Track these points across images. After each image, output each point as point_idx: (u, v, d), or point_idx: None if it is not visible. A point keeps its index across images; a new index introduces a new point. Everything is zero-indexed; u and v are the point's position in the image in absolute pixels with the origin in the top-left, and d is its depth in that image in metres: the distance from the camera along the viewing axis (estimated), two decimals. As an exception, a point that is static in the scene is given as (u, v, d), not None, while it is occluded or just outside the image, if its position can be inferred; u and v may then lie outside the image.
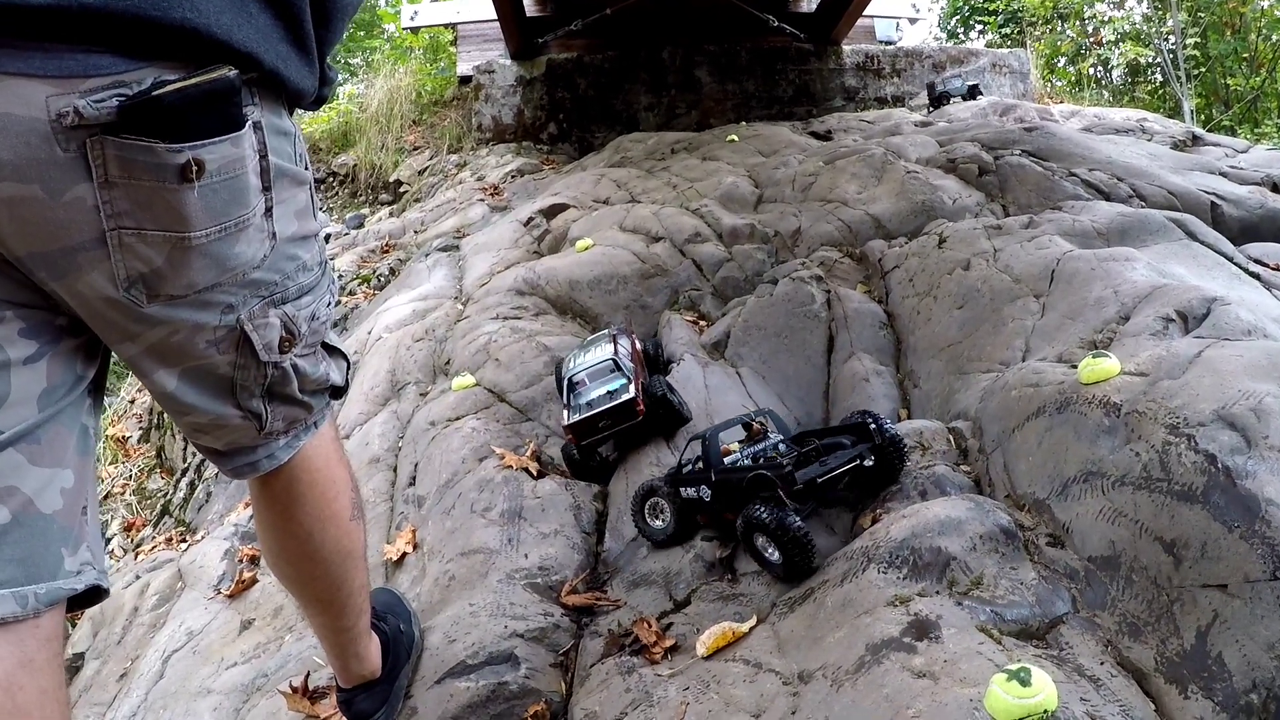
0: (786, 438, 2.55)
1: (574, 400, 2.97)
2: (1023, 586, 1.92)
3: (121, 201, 1.08)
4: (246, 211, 1.21)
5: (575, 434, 2.91)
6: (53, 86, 1.00)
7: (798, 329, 3.44)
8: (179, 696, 2.73)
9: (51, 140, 1.01)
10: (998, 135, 4.81)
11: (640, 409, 2.88)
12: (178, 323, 1.23)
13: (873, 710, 1.59)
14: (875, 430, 2.37)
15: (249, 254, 1.24)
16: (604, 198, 5.34)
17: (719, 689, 1.85)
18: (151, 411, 6.30)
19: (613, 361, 3.00)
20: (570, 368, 3.08)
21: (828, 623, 1.89)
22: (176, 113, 1.05)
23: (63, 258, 1.10)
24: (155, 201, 1.10)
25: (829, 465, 2.25)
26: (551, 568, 2.57)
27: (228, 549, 3.44)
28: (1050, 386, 2.40)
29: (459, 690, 2.17)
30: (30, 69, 0.98)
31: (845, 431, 2.45)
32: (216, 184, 1.14)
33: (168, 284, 1.18)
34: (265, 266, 1.29)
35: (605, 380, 2.97)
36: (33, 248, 1.08)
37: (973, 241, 3.57)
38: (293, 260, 1.35)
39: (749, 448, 2.49)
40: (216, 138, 1.11)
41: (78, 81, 1.01)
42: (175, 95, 1.04)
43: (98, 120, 1.02)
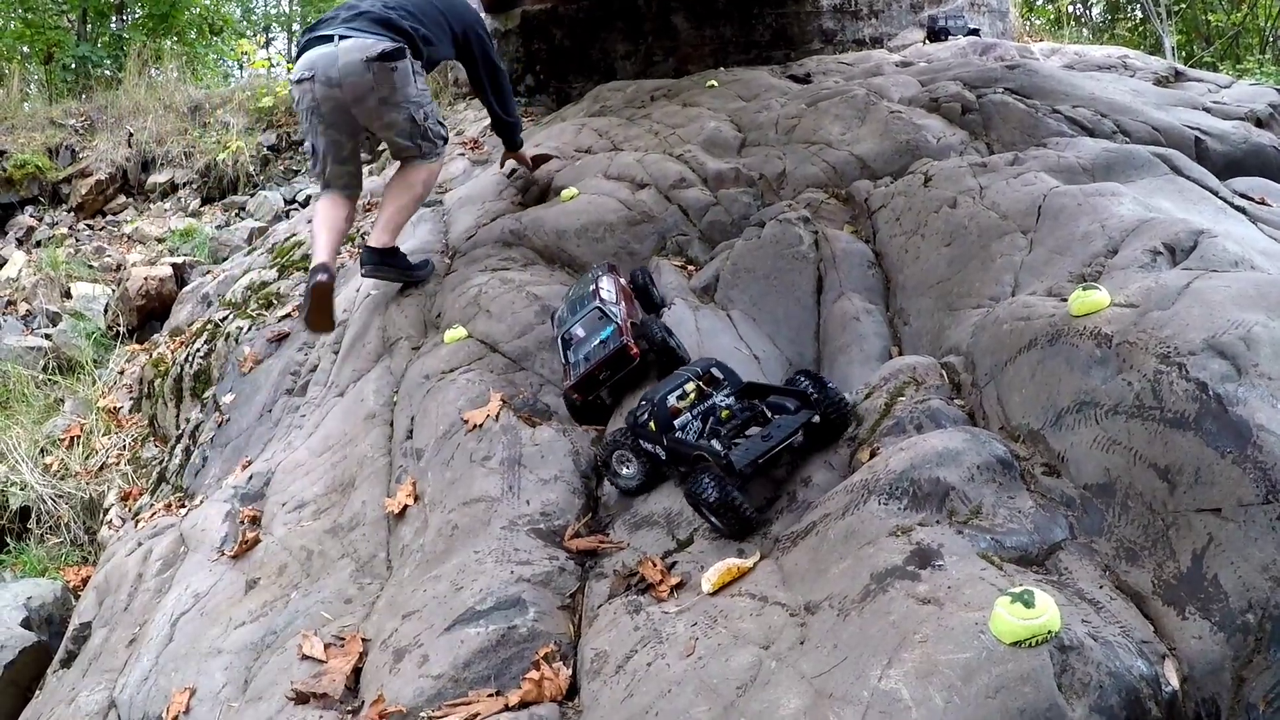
0: (734, 389, 2.59)
1: (571, 358, 3.01)
2: (1021, 515, 1.96)
3: (381, 81, 3.74)
4: (410, 82, 3.85)
5: (580, 392, 2.95)
6: (369, 46, 3.71)
7: (786, 270, 3.44)
8: (189, 658, 2.76)
9: (365, 64, 3.69)
10: (980, 74, 4.79)
11: (634, 352, 2.91)
12: (394, 116, 3.89)
13: (880, 637, 1.63)
14: (817, 397, 2.42)
15: (412, 92, 3.87)
16: (586, 147, 5.30)
17: (726, 623, 1.89)
18: (141, 381, 6.26)
19: (599, 310, 3.02)
20: (561, 323, 3.10)
21: (831, 555, 1.93)
22: (392, 54, 3.73)
23: (365, 102, 3.80)
24: (386, 79, 3.75)
25: (771, 440, 2.31)
26: (553, 513, 2.60)
27: (228, 511, 3.45)
28: (1041, 319, 2.41)
29: (469, 636, 2.21)
30: (365, 38, 3.74)
31: (790, 394, 2.50)
32: (402, 74, 3.79)
33: (390, 103, 3.83)
34: (415, 97, 3.89)
35: (596, 330, 3.00)
36: (357, 103, 3.80)
37: (959, 179, 3.57)
38: (422, 95, 3.95)
39: (698, 405, 2.52)
40: (400, 60, 3.76)
41: (374, 45, 3.71)
42: (392, 49, 3.74)
43: (374, 57, 3.70)
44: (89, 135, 10.42)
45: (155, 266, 7.78)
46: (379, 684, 2.25)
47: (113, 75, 12.52)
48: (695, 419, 2.49)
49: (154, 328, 7.36)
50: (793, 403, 2.46)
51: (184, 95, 10.81)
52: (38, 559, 5.28)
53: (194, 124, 10.39)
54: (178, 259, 8.01)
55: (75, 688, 3.05)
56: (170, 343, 6.35)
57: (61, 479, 5.79)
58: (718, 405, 2.52)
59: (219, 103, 10.73)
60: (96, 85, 12.05)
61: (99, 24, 14.30)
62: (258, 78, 12.46)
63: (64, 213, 9.77)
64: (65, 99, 11.63)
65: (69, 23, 14.08)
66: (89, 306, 7.90)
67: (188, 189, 9.84)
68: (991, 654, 1.51)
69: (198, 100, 10.76)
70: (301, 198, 8.91)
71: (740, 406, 2.53)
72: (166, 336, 6.65)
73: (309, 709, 2.26)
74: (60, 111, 10.86)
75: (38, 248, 9.13)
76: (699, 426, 2.48)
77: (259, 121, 10.34)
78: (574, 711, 1.97)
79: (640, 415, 2.57)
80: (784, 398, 2.50)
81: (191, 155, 9.99)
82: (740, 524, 2.25)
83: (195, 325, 6.13)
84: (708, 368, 2.63)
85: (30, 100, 11.45)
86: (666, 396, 2.50)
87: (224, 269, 7.09)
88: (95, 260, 8.76)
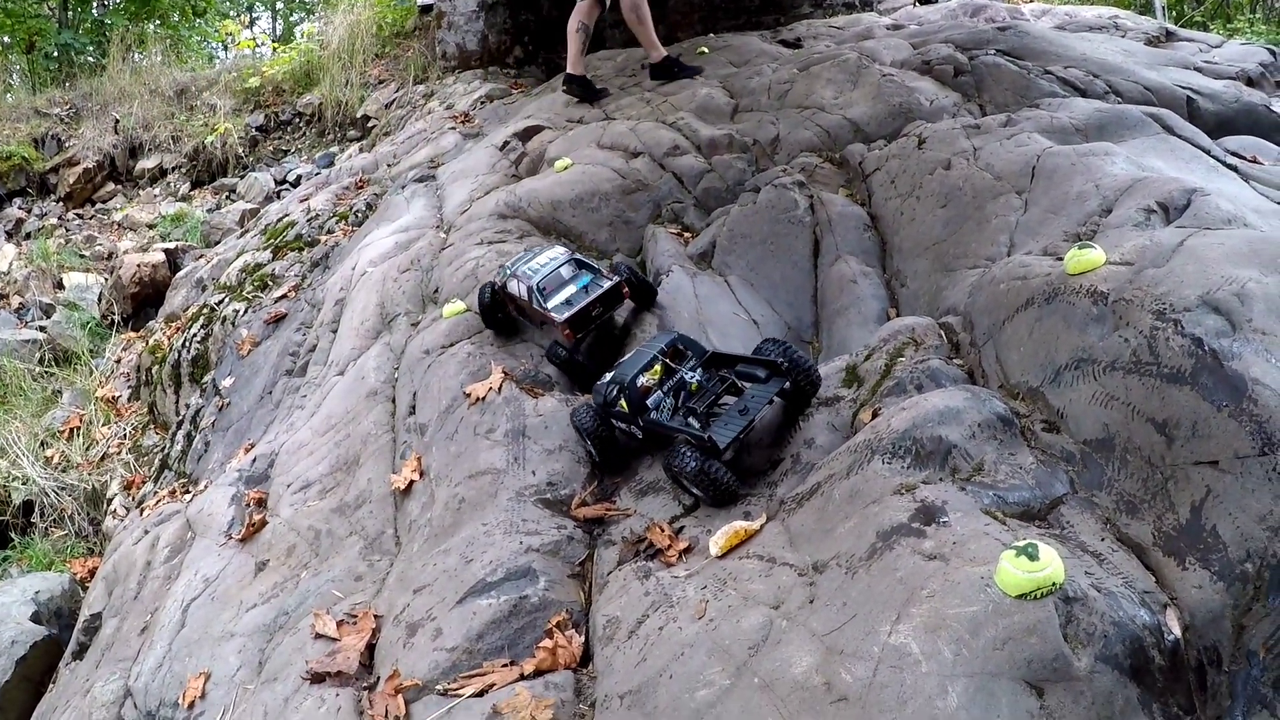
0: (700, 360, 2.63)
1: (548, 301, 3.07)
2: (1022, 470, 1.98)
3: None
4: None
5: (572, 327, 3.02)
6: None
7: (783, 235, 3.45)
8: (202, 643, 2.79)
9: None
10: (971, 35, 4.77)
11: (626, 292, 3.14)
12: None
13: (888, 593, 1.66)
14: (786, 365, 2.44)
15: None
16: (577, 117, 5.28)
17: (736, 585, 1.92)
18: (139, 369, 6.26)
19: (575, 260, 3.20)
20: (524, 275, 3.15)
21: (837, 514, 1.95)
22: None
23: None
24: None
25: (749, 414, 2.35)
26: (559, 482, 2.62)
27: (234, 494, 3.46)
28: (1038, 278, 2.43)
29: (481, 608, 2.23)
30: None
31: (759, 364, 2.52)
32: None
33: None
34: None
35: (574, 278, 3.15)
36: None
37: (952, 141, 3.57)
38: None
39: (667, 381, 2.56)
40: None
41: None
42: None
43: None
44: (74, 124, 10.35)
45: (147, 253, 7.76)
46: (393, 659, 2.27)
47: (96, 62, 12.41)
48: (667, 395, 2.54)
49: (149, 314, 7.35)
50: (762, 371, 2.50)
51: (169, 79, 10.72)
52: (43, 553, 5.30)
53: (180, 108, 10.32)
54: (169, 244, 8.00)
55: (89, 679, 3.06)
56: (166, 329, 6.34)
57: (63, 471, 5.80)
58: (686, 379, 2.55)
59: (205, 85, 10.65)
60: (80, 73, 11.94)
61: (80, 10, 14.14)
62: (244, 59, 12.34)
63: (52, 203, 9.72)
64: (49, 88, 11.53)
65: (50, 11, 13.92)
66: (82, 296, 7.88)
67: (176, 173, 9.79)
68: (998, 607, 1.54)
69: (183, 84, 10.68)
70: (292, 178, 8.88)
71: (708, 378, 2.57)
72: (162, 323, 6.64)
73: (325, 687, 2.29)
74: (44, 101, 10.78)
75: (27, 239, 9.09)
76: (671, 403, 2.53)
77: (246, 103, 10.26)
78: (588, 678, 2.00)
79: (610, 394, 2.60)
80: (753, 366, 2.53)
81: (179, 139, 9.94)
82: (722, 493, 2.30)
83: (190, 310, 6.12)
84: (672, 342, 2.66)
85: (13, 91, 11.34)
86: (636, 376, 2.53)
87: (217, 252, 7.07)
88: (86, 249, 8.72)
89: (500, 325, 3.39)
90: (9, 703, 3.70)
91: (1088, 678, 1.47)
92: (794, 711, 1.55)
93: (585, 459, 2.71)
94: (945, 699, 1.45)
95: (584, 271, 3.18)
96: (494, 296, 3.34)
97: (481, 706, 1.95)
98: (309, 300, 4.78)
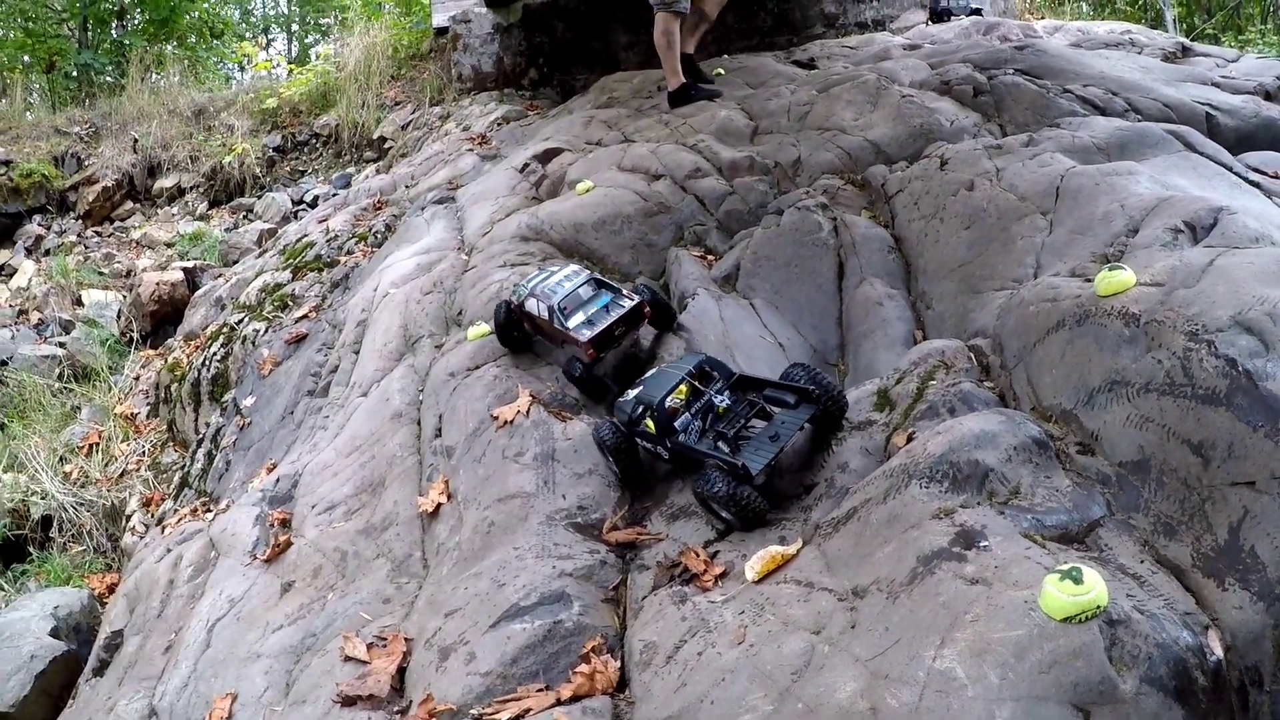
0: (727, 382, 2.63)
1: (569, 320, 3.08)
2: (1059, 493, 1.98)
3: None
4: None
5: (596, 347, 3.02)
6: None
7: (807, 257, 3.46)
8: (228, 663, 2.78)
9: None
10: (989, 55, 4.79)
11: (648, 312, 3.16)
12: None
13: (931, 618, 1.65)
14: (818, 394, 2.45)
15: None
16: (596, 139, 5.31)
17: (774, 610, 1.91)
18: (158, 387, 6.29)
19: (594, 280, 3.22)
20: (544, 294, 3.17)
21: (875, 539, 1.95)
22: None
23: None
24: None
25: (780, 440, 2.36)
26: (590, 506, 2.62)
27: (258, 514, 3.46)
28: (1068, 300, 2.43)
29: (515, 632, 2.23)
30: None
31: (787, 389, 2.53)
32: None
33: None
34: None
35: (594, 298, 3.16)
36: None
37: (974, 162, 3.58)
38: None
39: (694, 403, 2.57)
40: None
41: None
42: None
43: None
44: (94, 142, 10.45)
45: (166, 271, 7.80)
46: (425, 683, 2.27)
47: (115, 82, 12.53)
48: (694, 418, 2.54)
49: (167, 332, 7.39)
50: (791, 396, 2.50)
51: (187, 99, 10.82)
52: (61, 568, 5.31)
53: (198, 128, 10.41)
54: (188, 263, 8.04)
55: (112, 696, 3.06)
56: (185, 347, 6.37)
57: (82, 486, 5.82)
58: (715, 402, 2.55)
59: (223, 106, 10.74)
60: (100, 92, 12.06)
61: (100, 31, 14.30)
62: (261, 80, 12.44)
63: (71, 220, 9.80)
64: (69, 107, 11.64)
65: (70, 31, 14.08)
66: (101, 313, 7.93)
67: (194, 193, 9.87)
68: (1043, 631, 1.54)
69: (201, 104, 10.78)
70: (309, 198, 8.93)
71: (736, 401, 2.57)
72: (181, 341, 6.67)
73: (356, 711, 2.28)
74: (64, 119, 10.88)
75: (46, 256, 9.17)
76: (699, 425, 2.53)
77: (263, 123, 10.34)
78: (625, 703, 1.99)
79: (635, 413, 2.60)
80: (781, 391, 2.54)
81: (197, 159, 10.02)
82: (752, 518, 2.31)
83: (210, 329, 6.15)
84: (699, 364, 2.67)
85: (33, 109, 11.45)
86: (664, 399, 2.53)
87: (235, 272, 7.10)
88: (105, 267, 8.79)
89: (515, 343, 3.41)
90: (25, 716, 3.70)
91: (1133, 700, 1.47)
92: (840, 738, 1.54)
93: (615, 483, 2.71)
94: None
95: (603, 291, 3.20)
96: (510, 315, 3.36)
97: (519, 730, 1.95)
98: (330, 321, 4.80)
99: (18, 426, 6.45)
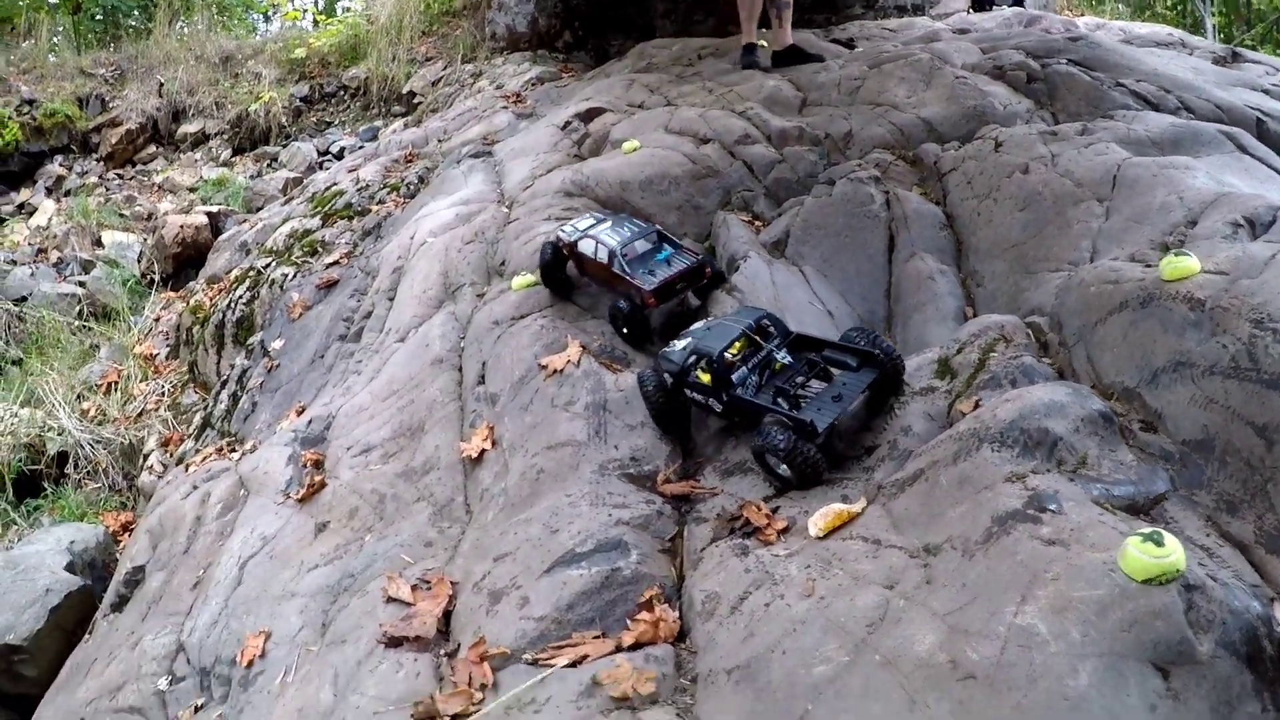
0: (783, 340, 2.62)
1: (631, 268, 3.10)
2: (1124, 466, 1.99)
3: None
4: None
5: (657, 296, 3.04)
6: None
7: (858, 229, 3.45)
8: (261, 601, 2.77)
9: None
10: (1042, 43, 4.75)
11: (709, 272, 3.21)
12: None
13: (1010, 575, 1.66)
14: (883, 358, 2.45)
15: None
16: (638, 102, 5.28)
17: (843, 565, 1.92)
18: (179, 328, 6.28)
19: (658, 233, 3.26)
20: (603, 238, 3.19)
21: (945, 499, 1.96)
22: None
23: None
24: None
25: (843, 401, 2.36)
26: (642, 458, 2.62)
27: (290, 454, 3.46)
28: (1131, 283, 2.44)
29: (571, 578, 2.22)
30: None
31: (850, 351, 2.52)
32: None
33: None
34: None
35: (654, 250, 3.21)
36: None
37: (1029, 146, 3.57)
38: None
39: (751, 357, 2.55)
40: None
41: None
42: None
43: None
44: (118, 85, 10.39)
45: (190, 214, 7.79)
46: (475, 626, 2.26)
47: (141, 25, 12.43)
48: (751, 372, 2.52)
49: (189, 275, 7.39)
50: (853, 359, 2.49)
51: (215, 45, 10.76)
52: (76, 504, 5.32)
53: (225, 74, 10.36)
54: (212, 207, 8.01)
55: (135, 632, 3.06)
56: (208, 290, 6.36)
57: (99, 424, 5.82)
58: (775, 358, 2.54)
59: (250, 54, 10.68)
60: (125, 36, 11.98)
61: (127, -27, 14.17)
62: (290, 30, 12.36)
63: (93, 162, 9.77)
64: (94, 49, 11.57)
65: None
66: (123, 254, 7.92)
67: (218, 139, 9.83)
68: (1124, 591, 1.55)
69: (229, 51, 10.72)
70: (335, 149, 8.90)
71: (795, 359, 2.56)
72: (203, 284, 6.66)
73: (402, 652, 2.26)
74: (89, 61, 10.82)
75: (67, 196, 9.14)
76: (756, 380, 2.51)
77: (291, 73, 10.29)
78: (687, 652, 1.99)
79: (687, 363, 2.57)
80: (842, 353, 2.53)
81: (222, 106, 9.98)
82: (809, 475, 2.30)
83: (234, 273, 6.14)
84: (759, 319, 2.64)
85: (58, 51, 11.37)
86: (724, 350, 2.50)
87: (261, 218, 7.08)
88: (126, 209, 8.77)
89: (558, 284, 3.43)
90: (39, 650, 3.68)
91: (1209, 662, 1.49)
92: (919, 688, 1.55)
93: (665, 436, 2.71)
94: (1076, 678, 1.47)
95: (665, 244, 3.23)
96: (557, 254, 3.37)
97: (578, 677, 1.94)
98: (362, 268, 4.79)
99: (35, 362, 6.45)
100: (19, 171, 9.61)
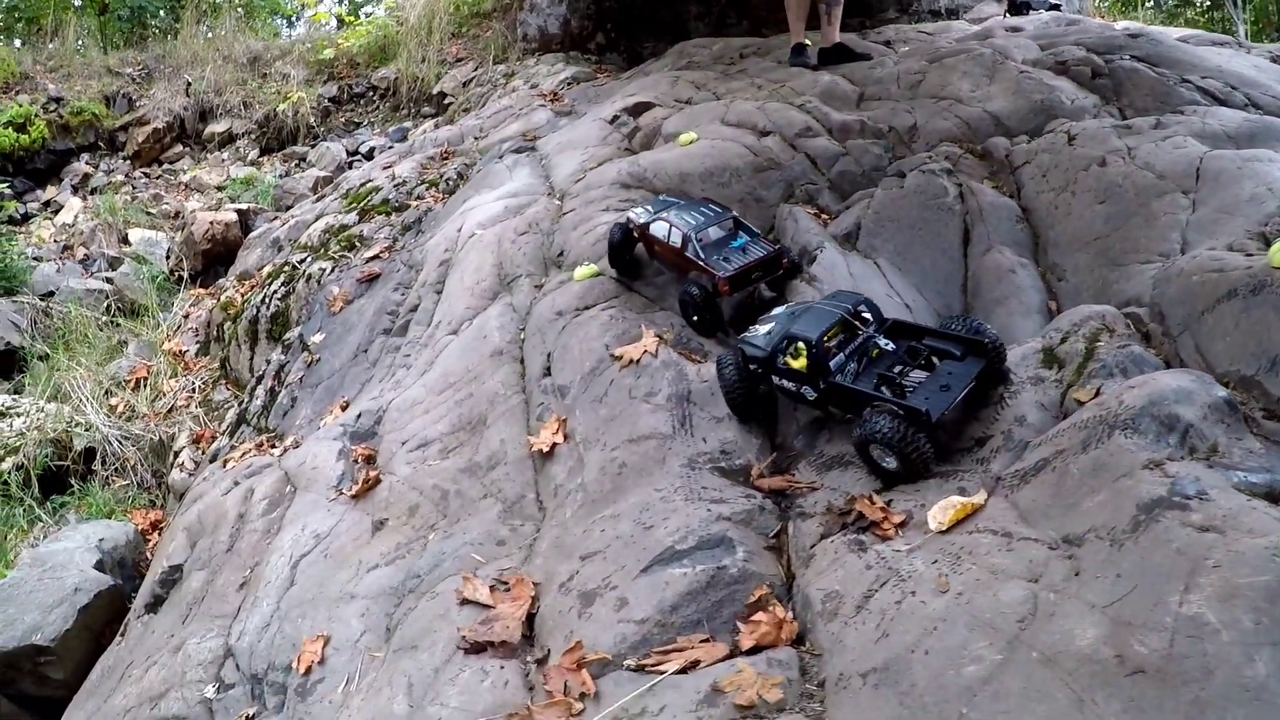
0: (880, 326, 2.52)
1: (706, 253, 3.01)
2: (1254, 454, 1.90)
3: None
4: None
5: (732, 285, 2.95)
6: None
7: (931, 221, 3.37)
8: (317, 603, 2.61)
9: None
10: (1102, 40, 4.69)
11: (786, 263, 3.14)
12: None
13: (1167, 564, 1.57)
14: (991, 347, 2.35)
15: None
16: (685, 98, 5.21)
17: (974, 560, 1.81)
18: (209, 325, 6.20)
19: (735, 219, 3.19)
20: (679, 222, 3.10)
21: (1079, 489, 1.86)
22: None
23: None
24: None
25: (952, 390, 2.25)
26: (733, 452, 2.51)
27: (340, 449, 3.33)
28: (1238, 271, 2.37)
29: (673, 578, 2.10)
30: None
31: (951, 339, 2.42)
32: None
33: None
34: None
35: (730, 237, 3.13)
36: None
37: (1104, 140, 3.50)
38: None
39: (848, 344, 2.43)
40: None
41: None
42: None
43: None
44: (146, 84, 10.36)
45: (220, 211, 7.72)
46: (566, 630, 2.13)
47: (168, 26, 12.42)
48: (850, 359, 2.41)
49: (218, 272, 7.31)
50: (957, 348, 2.39)
51: (243, 46, 10.73)
52: (104, 501, 5.19)
53: (253, 75, 10.31)
54: (241, 205, 7.95)
55: (176, 635, 2.89)
56: (239, 286, 6.28)
57: (128, 420, 5.72)
58: (871, 344, 2.43)
59: (278, 54, 10.65)
60: (152, 35, 11.96)
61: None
62: (318, 30, 12.33)
63: (120, 160, 9.73)
64: (121, 48, 11.55)
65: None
66: (151, 251, 7.85)
67: (246, 139, 9.78)
68: (1293, 577, 1.45)
69: (256, 51, 10.69)
70: (364, 149, 8.84)
71: (895, 347, 2.45)
72: (234, 280, 6.58)
73: (485, 659, 2.12)
74: (117, 60, 10.79)
75: (93, 194, 9.09)
76: (854, 368, 2.40)
77: (319, 74, 10.25)
78: (810, 655, 1.87)
79: (778, 348, 2.45)
80: (944, 342, 2.42)
81: (250, 106, 9.93)
82: (918, 466, 2.19)
83: (267, 269, 6.06)
84: (856, 303, 2.52)
85: (83, 53, 11.35)
86: (823, 336, 2.38)
87: (293, 215, 7.01)
88: (153, 207, 8.71)
89: (625, 266, 3.38)
90: (67, 652, 3.49)
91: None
92: (1085, 686, 1.45)
93: (755, 429, 2.60)
94: (1253, 667, 1.38)
95: (741, 233, 3.14)
96: (626, 236, 3.30)
97: (694, 684, 1.82)
98: (405, 261, 4.70)
99: (62, 357, 6.36)
100: (45, 169, 9.55)
